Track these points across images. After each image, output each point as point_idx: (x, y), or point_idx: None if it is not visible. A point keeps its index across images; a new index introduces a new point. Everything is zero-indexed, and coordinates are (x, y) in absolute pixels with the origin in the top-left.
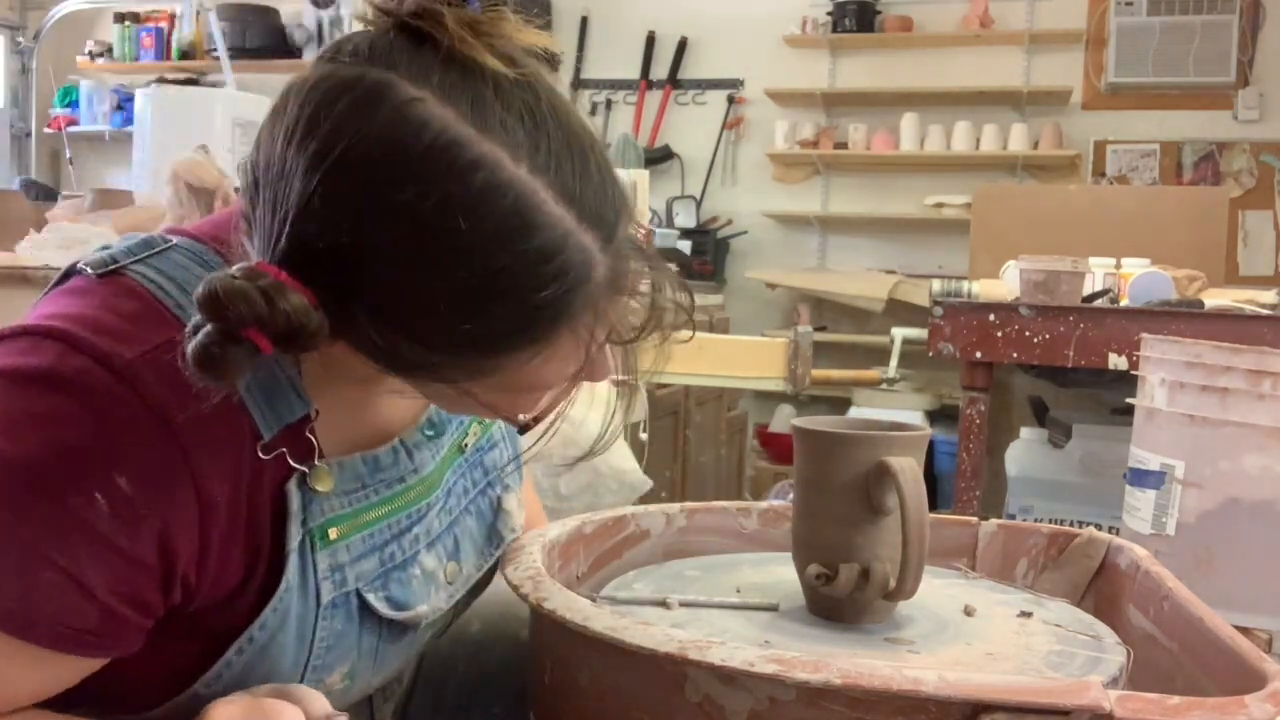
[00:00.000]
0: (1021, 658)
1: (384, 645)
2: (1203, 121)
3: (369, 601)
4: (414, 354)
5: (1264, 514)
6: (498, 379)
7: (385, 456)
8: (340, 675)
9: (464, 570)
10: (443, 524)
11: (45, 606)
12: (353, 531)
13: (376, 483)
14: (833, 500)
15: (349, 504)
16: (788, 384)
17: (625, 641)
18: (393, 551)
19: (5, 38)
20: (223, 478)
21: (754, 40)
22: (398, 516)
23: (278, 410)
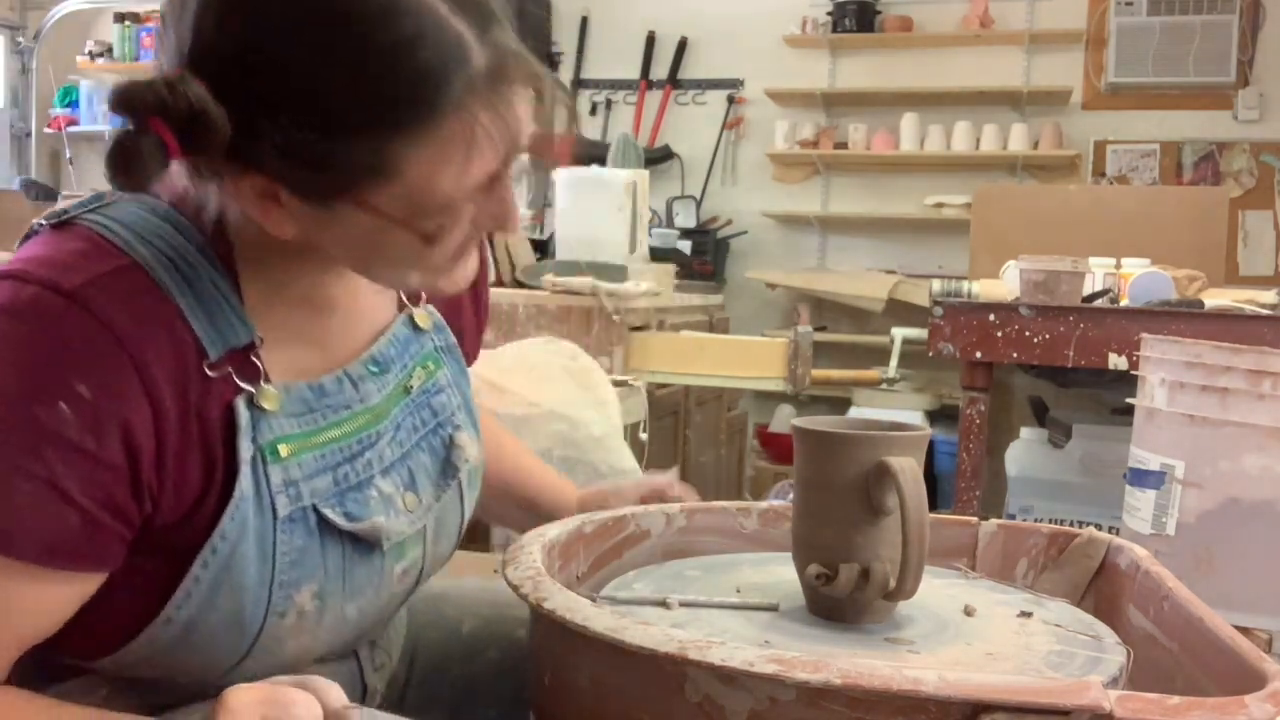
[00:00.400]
0: (1021, 658)
1: (351, 565)
2: (1203, 121)
3: (326, 516)
4: (312, 153)
5: (1264, 514)
6: (400, 188)
7: (330, 384)
8: (310, 594)
9: (423, 501)
10: (395, 454)
11: (28, 520)
12: (303, 451)
13: (323, 407)
14: (833, 500)
15: (297, 426)
16: (788, 384)
17: (625, 641)
18: (345, 472)
19: (5, 38)
20: (173, 388)
21: (754, 40)
22: (347, 441)
23: (222, 332)
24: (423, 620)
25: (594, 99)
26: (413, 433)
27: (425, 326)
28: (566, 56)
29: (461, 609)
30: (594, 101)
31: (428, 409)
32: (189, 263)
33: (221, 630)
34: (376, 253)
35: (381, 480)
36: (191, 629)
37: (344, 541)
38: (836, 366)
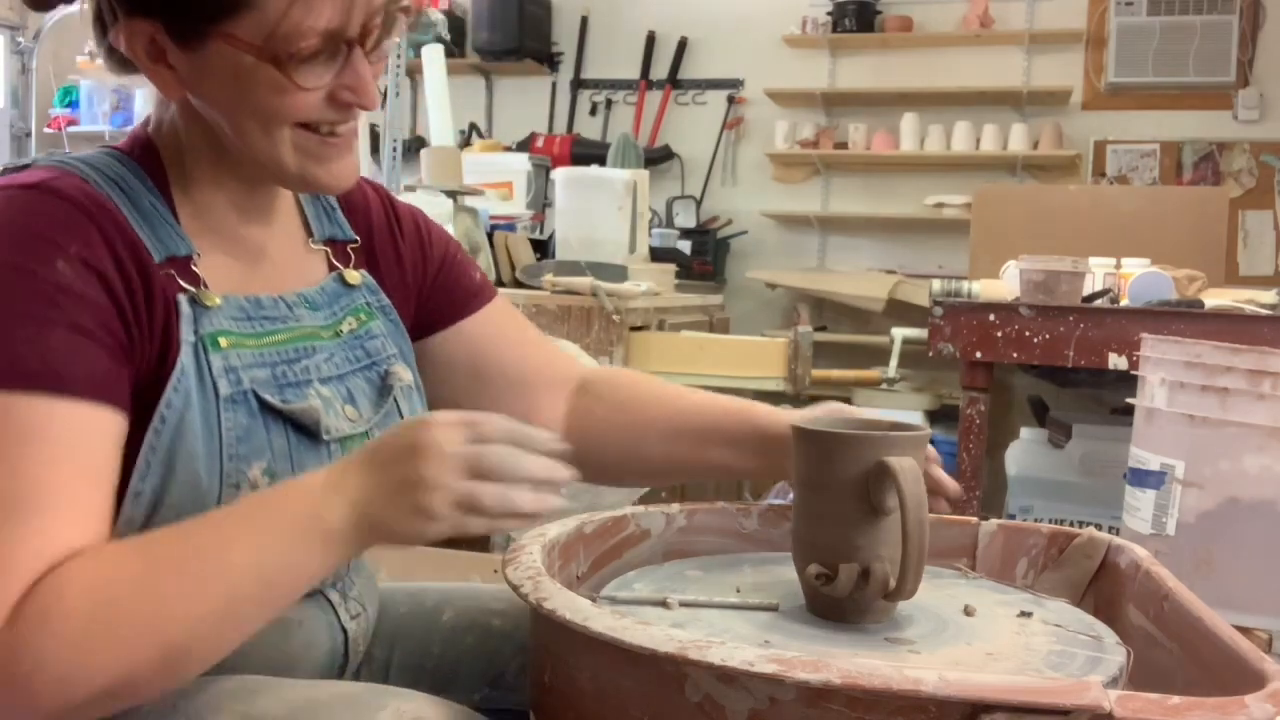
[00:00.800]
0: (1022, 658)
1: (298, 453)
2: (1203, 121)
3: (265, 399)
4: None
5: (1264, 514)
6: (261, 16)
7: (266, 300)
8: (260, 470)
9: (362, 415)
10: (331, 371)
11: (68, 361)
12: (242, 346)
13: (260, 318)
14: (832, 500)
15: (236, 327)
16: (788, 384)
17: (625, 641)
18: (284, 371)
19: (5, 38)
20: (131, 265)
21: (754, 40)
22: (284, 348)
23: (164, 241)
24: (404, 610)
25: (594, 99)
26: (347, 364)
27: (355, 283)
28: (566, 56)
29: (441, 600)
30: (594, 101)
31: (361, 349)
32: (131, 186)
33: (185, 503)
34: (246, 101)
35: (321, 386)
36: (158, 503)
37: (287, 427)
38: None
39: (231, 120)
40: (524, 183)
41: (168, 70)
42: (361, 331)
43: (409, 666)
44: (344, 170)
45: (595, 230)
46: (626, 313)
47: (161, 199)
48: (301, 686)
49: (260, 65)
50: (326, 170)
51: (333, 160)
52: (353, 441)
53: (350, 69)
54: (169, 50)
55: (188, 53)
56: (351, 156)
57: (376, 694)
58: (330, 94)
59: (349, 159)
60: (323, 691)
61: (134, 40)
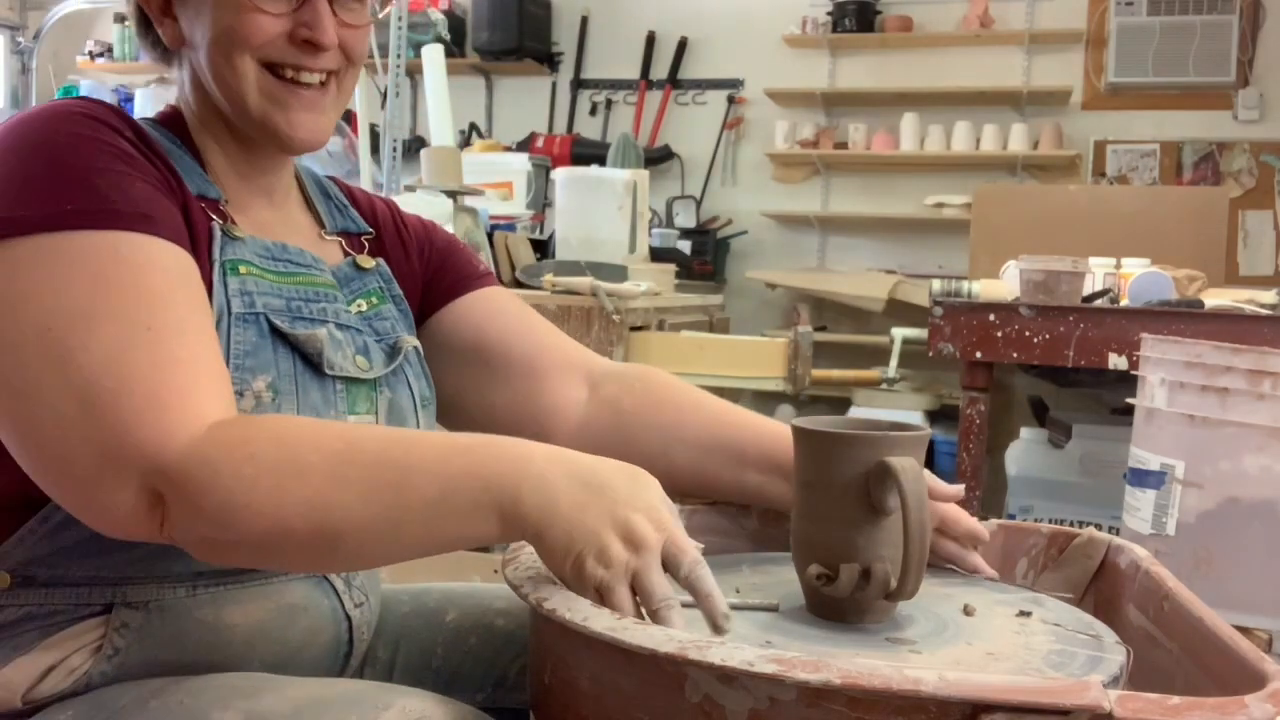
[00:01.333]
0: (1021, 657)
1: (302, 377)
2: (1203, 121)
3: (275, 324)
4: None
5: (1264, 514)
6: None
7: (292, 248)
8: (264, 384)
9: (374, 367)
10: (347, 322)
11: (153, 208)
12: (260, 277)
13: (285, 260)
14: (833, 500)
15: (258, 262)
16: (788, 384)
17: (625, 641)
18: (298, 306)
19: (5, 38)
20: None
21: (754, 40)
22: (304, 289)
23: (195, 183)
24: (407, 610)
25: (594, 99)
26: (359, 331)
27: (368, 267)
28: (566, 56)
29: (444, 600)
30: (594, 101)
31: (370, 328)
32: (162, 136)
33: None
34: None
35: (335, 330)
36: None
37: (293, 353)
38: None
39: (207, 58)
40: (524, 183)
41: (173, 23)
42: (372, 313)
43: (413, 667)
44: (305, 122)
45: (595, 230)
46: (626, 313)
47: (190, 154)
48: (307, 684)
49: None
50: (285, 117)
51: (294, 109)
52: (358, 386)
53: (309, 6)
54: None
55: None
56: (318, 116)
57: (382, 692)
58: (290, 32)
59: (315, 116)
60: (328, 689)
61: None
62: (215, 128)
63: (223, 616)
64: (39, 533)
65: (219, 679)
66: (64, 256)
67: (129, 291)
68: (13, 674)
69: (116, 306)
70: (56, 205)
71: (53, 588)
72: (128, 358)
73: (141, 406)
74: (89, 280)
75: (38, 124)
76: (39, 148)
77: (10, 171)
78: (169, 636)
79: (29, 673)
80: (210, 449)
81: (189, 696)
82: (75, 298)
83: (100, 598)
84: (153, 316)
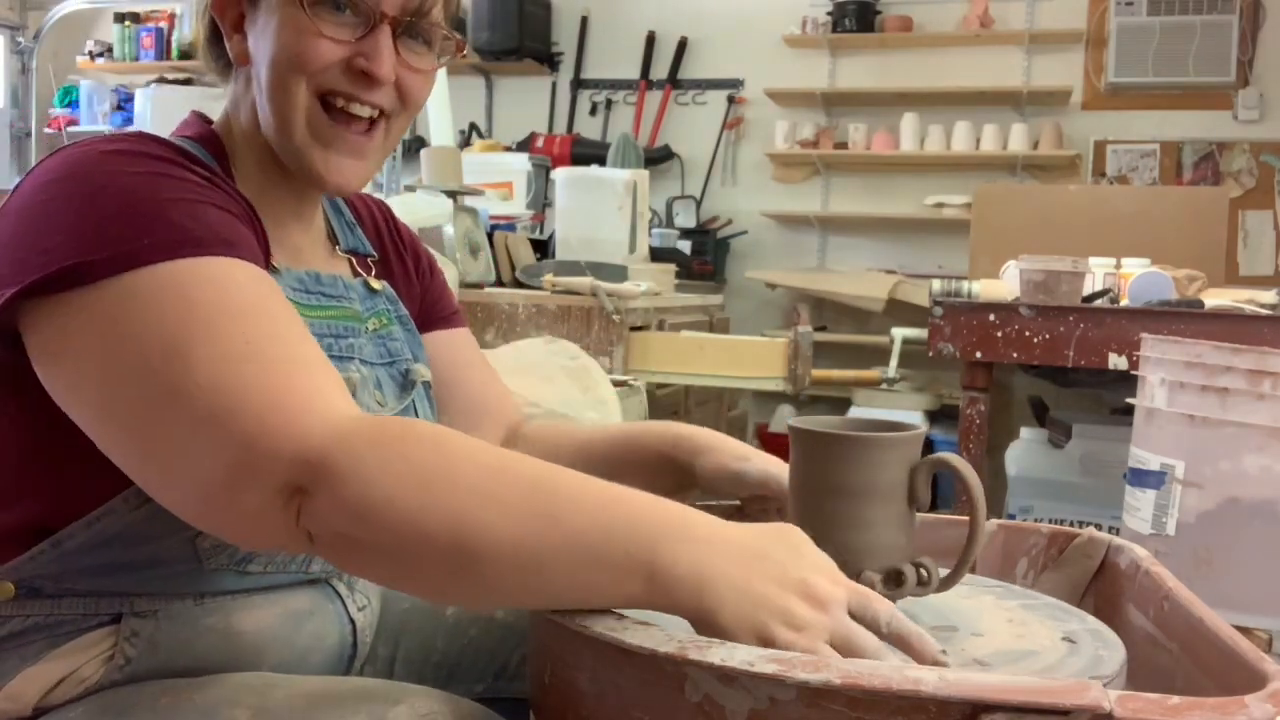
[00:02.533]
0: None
1: None
2: (1203, 121)
3: None
4: None
5: (1264, 514)
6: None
7: (325, 276)
8: None
9: (388, 401)
10: (368, 357)
11: (230, 232)
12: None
13: (317, 292)
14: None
15: (293, 295)
16: (788, 384)
17: (625, 641)
18: (330, 344)
19: (5, 38)
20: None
21: (754, 40)
22: (335, 324)
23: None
24: (406, 605)
25: (594, 99)
26: (375, 356)
27: (378, 288)
28: (566, 56)
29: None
30: (594, 101)
31: (384, 347)
32: (201, 157)
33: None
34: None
35: (361, 366)
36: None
37: None
38: (836, 366)
39: (264, 77)
40: (524, 183)
41: (243, 39)
42: (384, 333)
43: (413, 660)
44: (344, 166)
45: (595, 230)
46: (626, 313)
47: (225, 176)
48: (317, 681)
49: (294, 11)
50: (325, 157)
51: (336, 151)
52: None
53: (372, 37)
54: (247, 15)
55: (255, 13)
56: (358, 161)
57: (392, 690)
58: (348, 61)
59: (355, 162)
60: (339, 686)
61: (226, 10)
62: (259, 149)
63: (231, 624)
64: (50, 554)
65: (229, 678)
66: (151, 292)
67: (220, 312)
68: (22, 685)
69: (211, 329)
70: (134, 243)
71: (59, 599)
72: (235, 373)
73: (264, 412)
74: (178, 309)
75: (95, 166)
76: (105, 189)
77: (81, 218)
78: (179, 644)
79: (39, 684)
80: (358, 441)
81: (199, 694)
82: (169, 329)
83: (108, 608)
84: (248, 330)
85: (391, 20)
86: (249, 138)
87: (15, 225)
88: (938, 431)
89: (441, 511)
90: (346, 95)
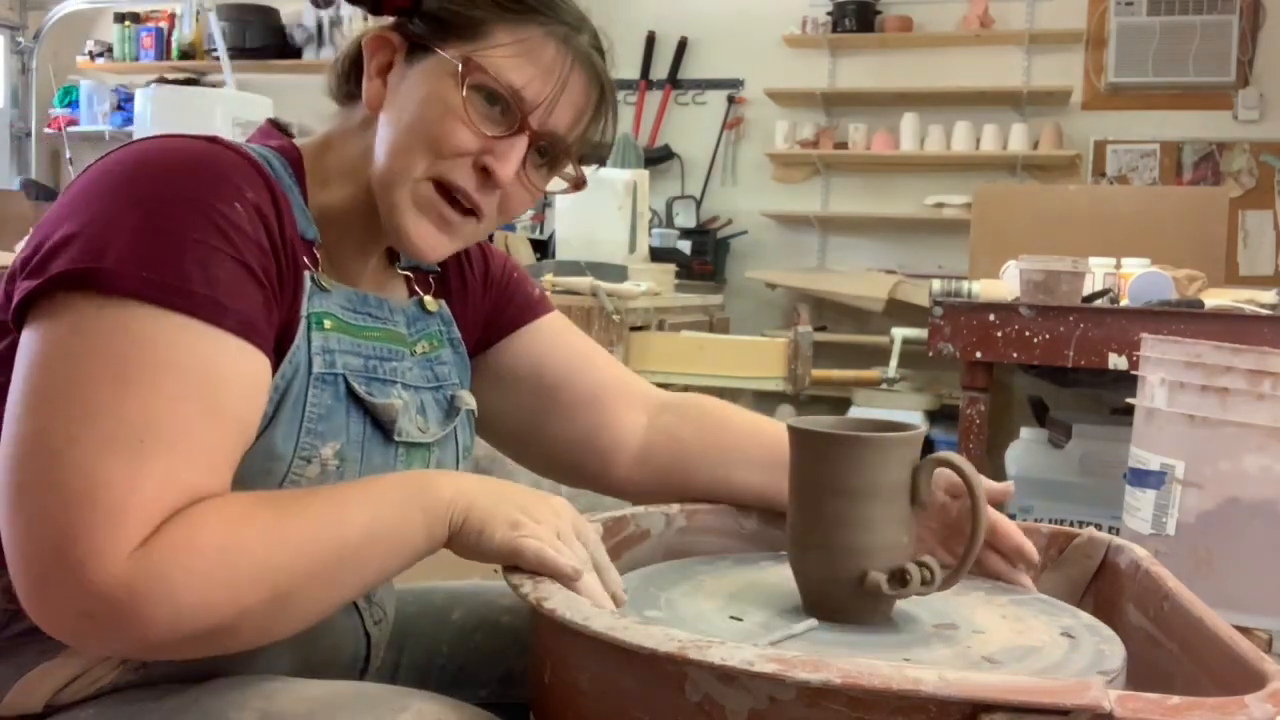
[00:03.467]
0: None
1: (369, 445)
2: (1203, 121)
3: (353, 387)
4: (448, 12)
5: (1264, 514)
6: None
7: (372, 298)
8: (332, 451)
9: (430, 429)
10: (412, 381)
11: (230, 295)
12: (342, 332)
13: (365, 312)
14: (882, 503)
15: (341, 314)
16: (788, 384)
17: (625, 641)
18: (375, 366)
19: (5, 38)
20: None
21: (754, 40)
22: (379, 345)
23: (299, 220)
24: (413, 610)
25: None
26: (420, 380)
27: (432, 309)
28: None
29: (449, 599)
30: None
31: (430, 371)
32: (275, 168)
33: (255, 466)
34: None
35: (404, 390)
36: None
37: (365, 419)
38: (836, 366)
39: (392, 137)
40: None
41: (383, 86)
42: (433, 356)
43: (418, 665)
44: (429, 236)
45: (595, 230)
46: (626, 313)
47: (298, 189)
48: (321, 686)
49: (449, 87)
50: (416, 223)
51: (428, 220)
52: (418, 450)
53: (508, 141)
54: (396, 64)
55: (407, 68)
56: (445, 238)
57: (397, 695)
58: (477, 156)
59: (442, 237)
60: (344, 691)
61: (379, 51)
62: (354, 179)
63: None
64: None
65: (237, 681)
66: (111, 333)
67: (144, 395)
68: (36, 680)
69: (122, 409)
70: (135, 268)
71: None
72: (104, 466)
73: (96, 520)
74: (111, 372)
75: (153, 171)
76: (143, 200)
77: (110, 216)
78: None
79: (51, 681)
80: (155, 557)
81: (206, 696)
82: (93, 385)
83: None
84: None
85: (533, 135)
86: (347, 169)
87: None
88: (938, 431)
89: (253, 579)
90: (464, 189)
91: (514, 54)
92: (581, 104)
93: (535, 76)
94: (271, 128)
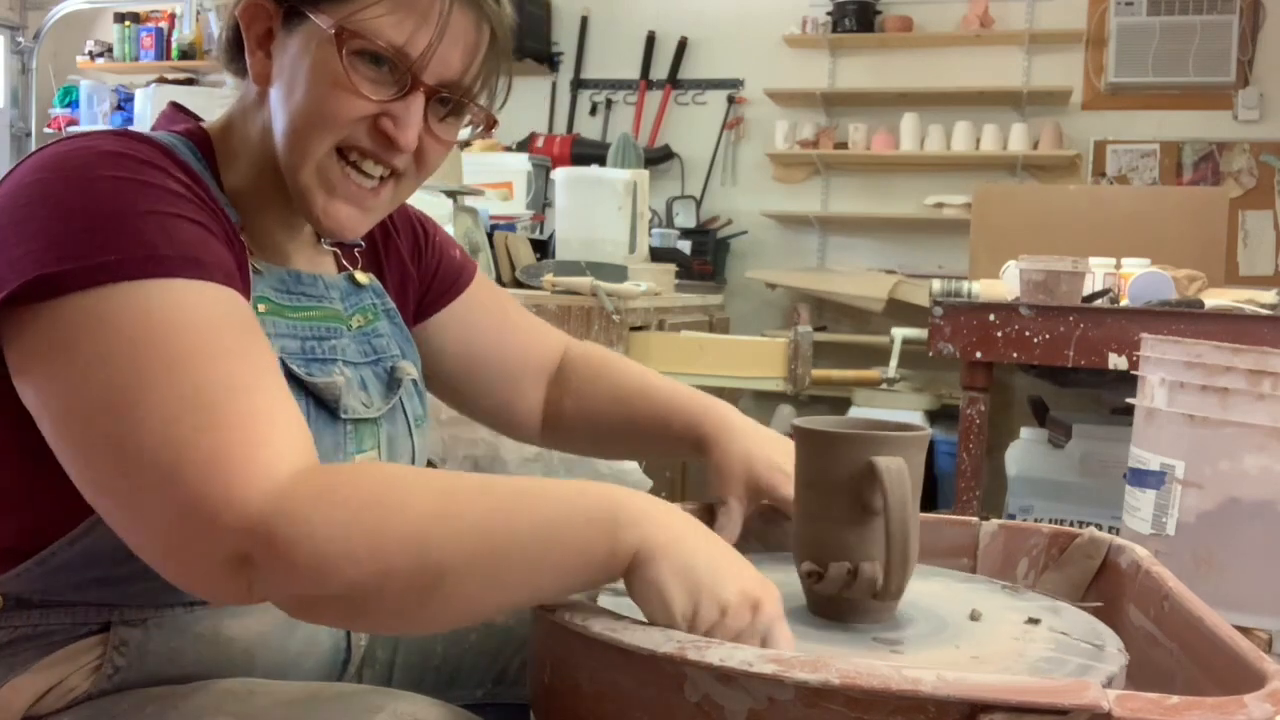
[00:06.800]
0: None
1: (315, 424)
2: (1203, 121)
3: (292, 369)
4: None
5: (1264, 514)
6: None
7: (305, 276)
8: None
9: (374, 403)
10: (352, 357)
11: (201, 250)
12: (278, 315)
13: (298, 292)
14: (826, 499)
15: (274, 296)
16: (788, 384)
17: (625, 642)
18: (313, 347)
19: (5, 38)
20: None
21: (754, 40)
22: (316, 325)
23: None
24: None
25: (594, 99)
26: (359, 355)
27: (364, 283)
28: (566, 56)
29: None
30: (594, 101)
31: (368, 345)
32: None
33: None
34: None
35: (345, 368)
36: None
37: (309, 400)
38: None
39: (284, 112)
40: (524, 183)
41: (266, 58)
42: (369, 329)
43: (412, 665)
44: (341, 213)
45: (595, 230)
46: (626, 313)
47: (210, 174)
48: (298, 687)
49: (330, 55)
50: (325, 202)
51: (338, 199)
52: (366, 425)
53: (403, 102)
54: (275, 35)
55: (286, 37)
56: (359, 212)
57: (374, 695)
58: (374, 119)
59: (355, 211)
60: (321, 691)
61: (254, 21)
62: (260, 158)
63: (222, 630)
64: (35, 572)
65: (214, 684)
66: (112, 316)
67: (174, 353)
68: (10, 694)
69: (163, 373)
70: (101, 256)
71: (48, 609)
72: (179, 430)
73: (203, 478)
74: (129, 350)
75: (71, 168)
76: (76, 194)
77: (48, 223)
78: (168, 652)
79: (26, 694)
80: (300, 501)
81: (183, 701)
82: (119, 370)
83: (97, 616)
84: (199, 376)
85: (427, 90)
86: (252, 146)
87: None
88: (938, 431)
89: (400, 540)
90: (363, 151)
91: (389, 9)
92: (471, 42)
93: (416, 28)
94: (175, 111)
